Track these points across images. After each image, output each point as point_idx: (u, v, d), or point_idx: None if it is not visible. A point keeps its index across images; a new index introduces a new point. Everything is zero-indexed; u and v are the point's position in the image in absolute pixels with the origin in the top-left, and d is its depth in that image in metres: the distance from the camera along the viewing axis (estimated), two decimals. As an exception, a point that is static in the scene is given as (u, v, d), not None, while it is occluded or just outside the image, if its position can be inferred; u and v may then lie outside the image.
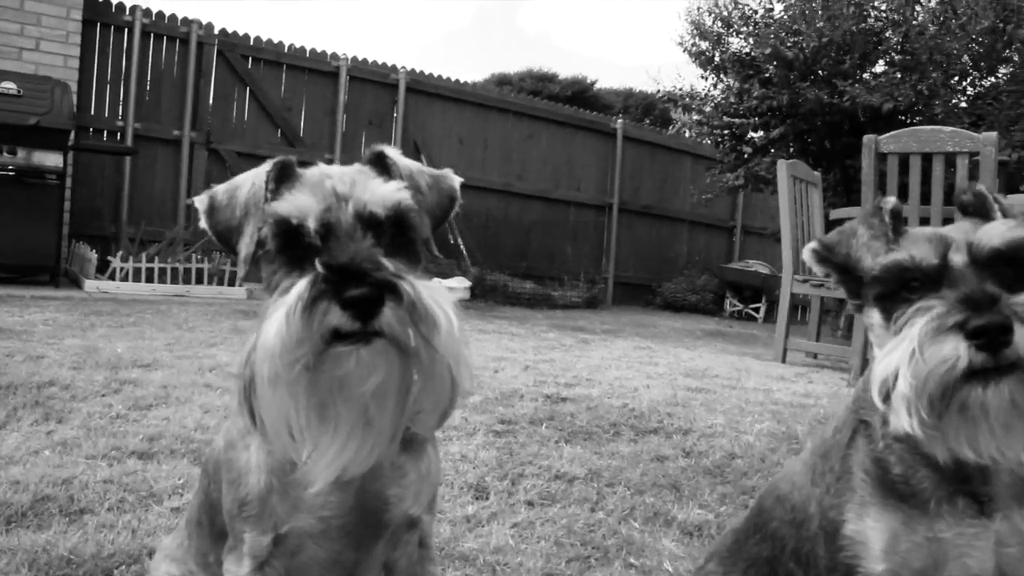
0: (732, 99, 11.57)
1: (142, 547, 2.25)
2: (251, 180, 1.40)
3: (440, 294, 1.22)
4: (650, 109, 35.30)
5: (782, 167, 7.89)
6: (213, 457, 1.61)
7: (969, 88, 10.64)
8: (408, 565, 1.58)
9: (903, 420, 1.25)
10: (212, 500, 1.60)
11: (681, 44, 12.21)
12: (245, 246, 1.36)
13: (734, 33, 11.39)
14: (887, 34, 10.37)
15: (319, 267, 1.19)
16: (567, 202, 14.44)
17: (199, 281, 9.09)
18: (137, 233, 9.70)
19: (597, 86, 38.87)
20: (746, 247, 17.10)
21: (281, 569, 1.48)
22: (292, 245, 1.30)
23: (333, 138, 11.85)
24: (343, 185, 1.33)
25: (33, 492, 2.55)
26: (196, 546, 1.70)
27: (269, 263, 1.34)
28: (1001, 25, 10.24)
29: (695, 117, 12.69)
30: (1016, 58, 10.51)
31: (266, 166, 1.40)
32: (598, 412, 4.40)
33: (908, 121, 10.33)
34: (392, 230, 1.33)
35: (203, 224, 1.43)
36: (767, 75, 10.88)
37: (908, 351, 1.24)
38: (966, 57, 10.22)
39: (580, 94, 30.38)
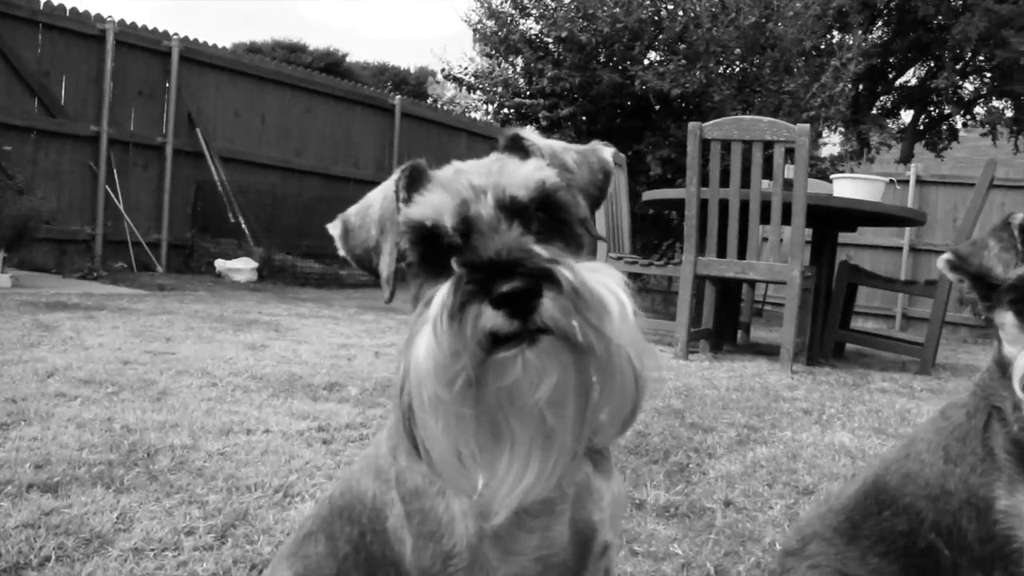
0: (521, 80, 11.69)
1: (133, 602, 1.88)
2: (381, 193, 1.29)
3: (606, 274, 1.05)
4: (403, 84, 35.21)
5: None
6: (365, 502, 1.36)
7: (740, 77, 11.40)
8: None
9: None
10: (371, 552, 1.35)
11: (468, 22, 12.15)
12: (386, 266, 1.24)
13: (526, 15, 11.48)
14: (668, 23, 10.87)
15: (459, 266, 1.04)
16: (347, 179, 14.02)
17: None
18: None
19: (349, 59, 38.17)
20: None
21: None
22: (433, 251, 1.16)
23: (100, 108, 10.68)
24: (479, 176, 1.18)
25: (-59, 546, 2.07)
26: None
27: (414, 277, 1.20)
28: (764, 21, 11.07)
29: (479, 96, 12.70)
30: (775, 52, 11.39)
31: (395, 175, 1.26)
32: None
33: (688, 107, 10.93)
34: (541, 214, 1.19)
35: (341, 251, 1.34)
36: (559, 57, 11.08)
37: None
38: (738, 49, 10.94)
39: (332, 67, 29.65)
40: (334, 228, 1.32)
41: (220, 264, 10.89)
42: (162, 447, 3.02)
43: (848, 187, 7.19)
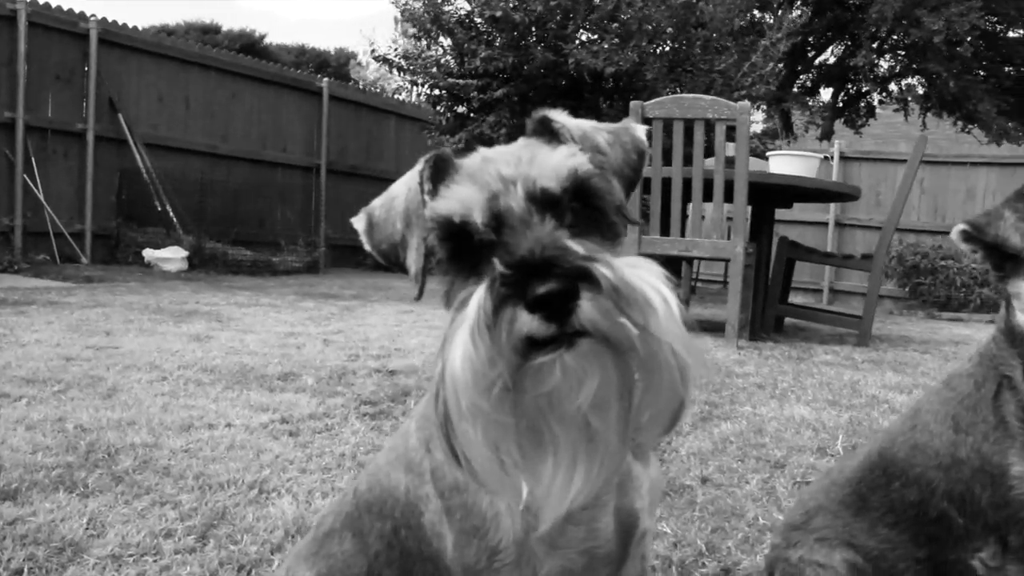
0: (452, 60, 11.57)
1: (121, 611, 1.79)
2: (406, 184, 1.21)
3: (646, 270, 1.01)
4: (324, 66, 34.66)
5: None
6: (397, 496, 1.30)
7: (671, 56, 11.47)
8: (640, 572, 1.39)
9: None
10: (407, 548, 1.29)
11: (395, 3, 11.97)
12: (414, 261, 1.18)
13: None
14: (599, 2, 10.86)
15: (496, 267, 0.99)
16: (275, 164, 13.73)
17: None
18: None
19: (267, 41, 37.40)
20: (449, 205, 17.31)
21: None
22: (463, 248, 1.10)
23: (14, 93, 10.17)
24: (508, 166, 1.12)
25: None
26: None
27: (443, 274, 1.15)
28: (694, 1, 11.16)
29: (409, 78, 12.54)
30: (705, 31, 11.49)
31: (418, 165, 1.19)
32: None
33: (621, 85, 10.97)
34: (575, 204, 1.13)
35: (365, 245, 1.27)
36: (491, 37, 10.99)
37: None
38: (669, 28, 11.00)
39: (249, 48, 29.04)
40: (358, 222, 1.25)
41: (149, 254, 10.55)
42: (122, 446, 2.89)
43: (784, 164, 7.29)
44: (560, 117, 1.23)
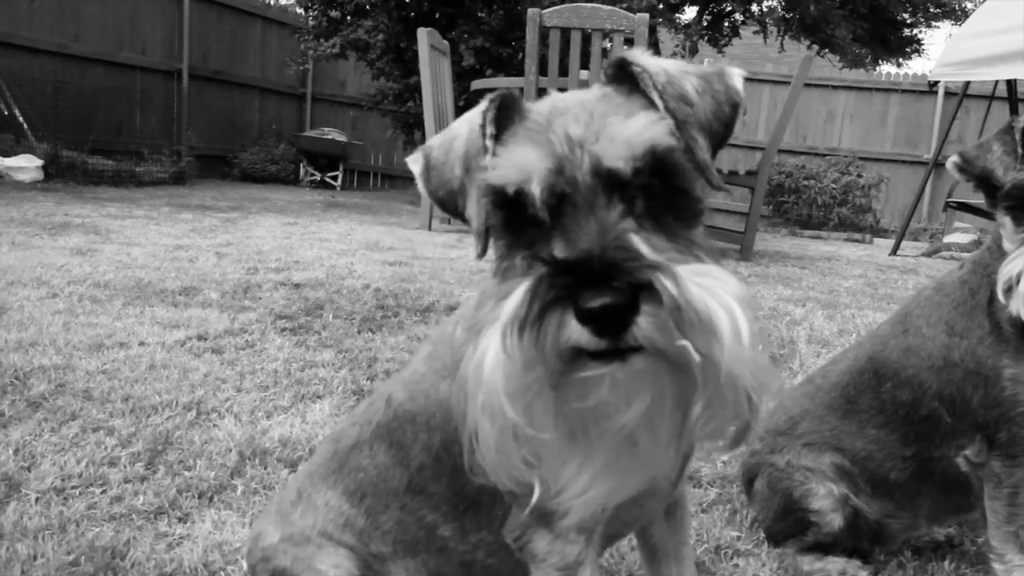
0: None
1: (89, 549, 1.63)
2: (467, 123, 1.05)
3: (719, 282, 0.88)
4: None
5: (422, 35, 7.76)
6: (450, 409, 1.19)
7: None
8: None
9: (1018, 309, 1.56)
10: (459, 464, 1.19)
11: None
12: (475, 215, 1.01)
13: None
14: None
15: (549, 260, 0.88)
16: (133, 67, 12.77)
17: None
18: None
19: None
20: (317, 115, 16.68)
21: (603, 534, 1.19)
22: (517, 219, 0.96)
23: None
24: (578, 125, 0.96)
25: None
26: (398, 519, 1.26)
27: (496, 238, 1.01)
28: None
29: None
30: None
31: (481, 105, 1.03)
32: (358, 297, 4.09)
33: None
34: (651, 182, 0.96)
35: (422, 190, 1.09)
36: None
37: None
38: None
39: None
40: (414, 163, 1.09)
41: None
42: (31, 369, 2.65)
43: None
44: (641, 59, 1.04)
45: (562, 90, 4.85)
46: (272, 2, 15.51)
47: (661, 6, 21.41)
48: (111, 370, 2.72)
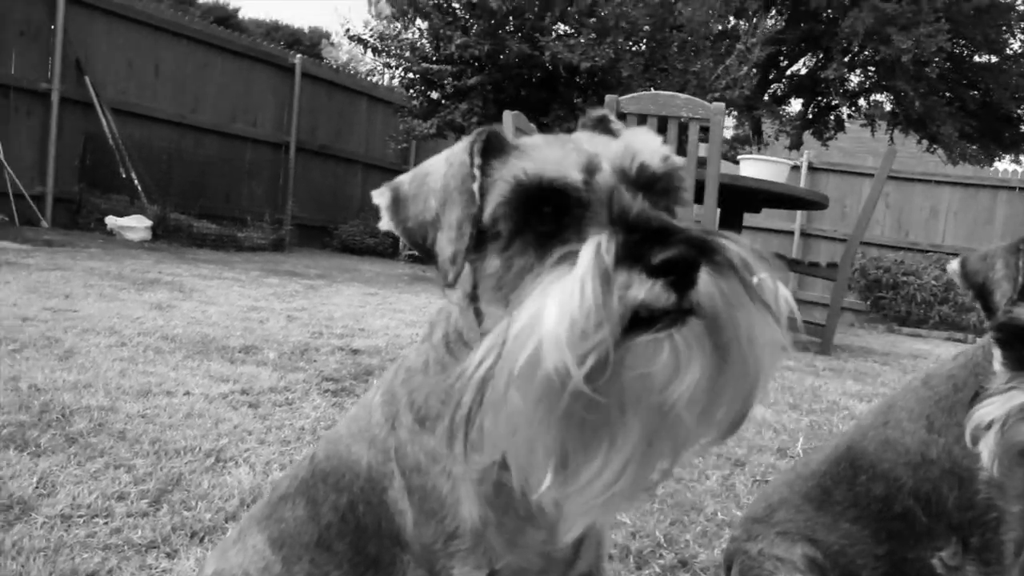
0: (428, 45, 11.49)
1: (71, 572, 1.74)
2: (445, 160, 1.09)
3: (768, 261, 0.92)
4: (296, 43, 34.29)
5: (507, 118, 7.98)
6: (358, 471, 1.27)
7: (648, 55, 11.48)
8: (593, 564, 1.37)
9: (988, 463, 1.41)
10: (363, 524, 1.26)
11: (374, -18, 11.86)
12: (451, 243, 1.03)
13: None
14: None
15: (607, 224, 0.90)
16: (244, 138, 13.51)
17: None
18: None
19: (241, 14, 36.95)
20: (417, 191, 17.18)
21: None
22: (539, 219, 0.99)
23: (-24, 48, 9.94)
24: (586, 143, 1.04)
25: None
26: (307, 571, 1.33)
27: (500, 252, 1.02)
28: (672, 1, 11.18)
29: (383, 60, 12.43)
30: (683, 33, 11.52)
31: (464, 140, 1.08)
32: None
33: (596, 81, 10.95)
34: (663, 198, 1.04)
35: (387, 224, 1.11)
36: (467, 23, 10.92)
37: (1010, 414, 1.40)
38: (647, 26, 11.01)
39: (222, 21, 28.65)
40: (381, 197, 1.12)
41: (112, 221, 10.34)
42: (77, 408, 2.83)
43: (755, 168, 7.33)
44: (617, 122, 1.19)
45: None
46: (379, 82, 16.21)
47: (766, 98, 21.53)
48: (150, 415, 2.87)
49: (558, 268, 0.87)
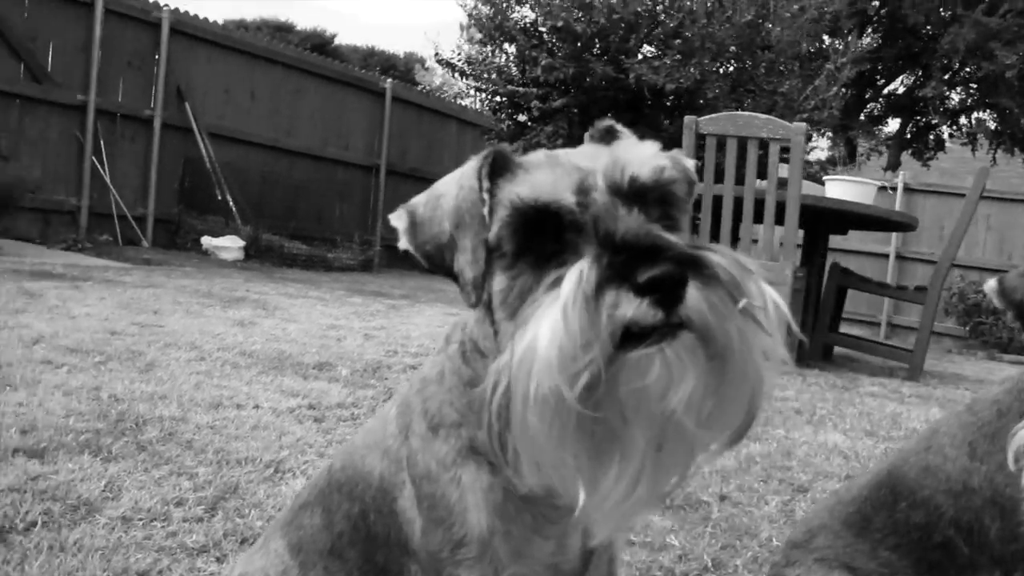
0: (515, 68, 11.64)
1: (123, 570, 1.83)
2: (456, 182, 1.12)
3: (755, 268, 0.94)
4: (391, 69, 35.06)
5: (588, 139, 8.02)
6: (370, 481, 1.31)
7: (735, 76, 11.39)
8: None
9: None
10: (373, 533, 1.30)
11: (463, 7, 12.09)
12: (469, 264, 1.07)
13: (521, 2, 11.42)
14: (663, 18, 10.84)
15: (594, 246, 0.93)
16: (336, 161, 13.89)
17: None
18: None
19: (337, 41, 37.97)
20: (505, 213, 17.36)
21: None
22: (539, 240, 1.02)
23: (87, 77, 10.46)
24: (584, 159, 1.06)
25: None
26: None
27: (506, 271, 1.05)
28: (760, 21, 11.07)
29: (471, 83, 12.65)
30: (770, 53, 11.38)
31: (473, 161, 1.11)
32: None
33: (682, 103, 10.91)
34: (658, 207, 1.06)
35: (404, 245, 1.14)
36: (553, 47, 11.03)
37: None
38: (733, 47, 10.93)
39: (319, 48, 29.49)
40: (398, 220, 1.15)
41: (207, 241, 10.77)
42: (151, 418, 2.96)
43: (840, 189, 7.20)
44: (626, 131, 1.19)
45: (717, 197, 4.88)
46: (471, 104, 16.45)
47: (862, 118, 21.05)
48: (219, 426, 2.99)
49: (551, 292, 0.92)
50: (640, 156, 1.07)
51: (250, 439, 2.88)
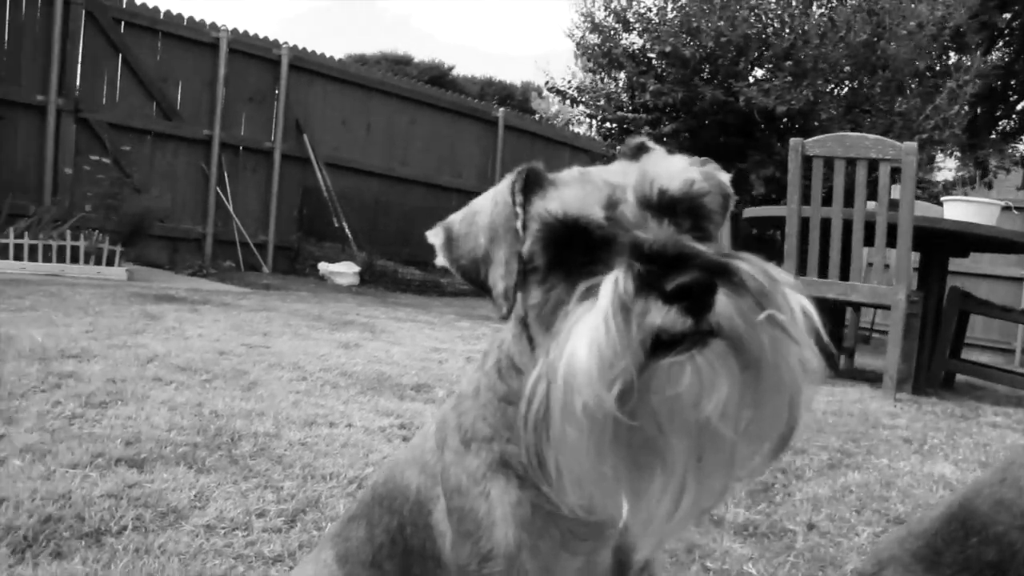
0: (624, 94, 11.63)
1: (199, 574, 1.92)
2: (491, 199, 1.15)
3: (785, 274, 0.93)
4: (508, 98, 35.52)
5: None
6: (408, 495, 1.35)
7: (849, 96, 11.08)
8: None
9: None
10: (410, 546, 1.34)
11: (571, 36, 12.17)
12: (502, 278, 1.09)
13: (629, 29, 11.43)
14: (774, 40, 10.65)
15: (624, 256, 0.93)
16: (449, 189, 14.18)
17: (74, 260, 8.32)
18: (1, 207, 8.76)
19: (455, 72, 38.76)
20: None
21: None
22: (568, 255, 1.04)
23: (212, 113, 11.10)
24: (615, 176, 1.07)
25: (29, 511, 2.15)
26: None
27: (539, 284, 1.07)
28: (875, 40, 10.74)
29: (582, 110, 12.70)
30: (887, 72, 11.02)
31: (508, 178, 1.14)
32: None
33: (795, 125, 10.67)
34: (688, 219, 1.07)
35: (442, 260, 1.19)
36: (662, 72, 10.99)
37: None
38: (847, 67, 10.64)
39: (437, 79, 30.15)
40: (435, 236, 1.20)
41: (324, 267, 11.16)
42: (246, 433, 3.08)
43: (959, 210, 6.88)
44: (656, 146, 1.21)
45: (825, 220, 4.75)
46: (584, 131, 16.53)
47: (993, 136, 20.08)
48: (310, 443, 3.09)
49: (583, 304, 0.93)
50: (669, 169, 1.08)
51: (338, 456, 2.96)
